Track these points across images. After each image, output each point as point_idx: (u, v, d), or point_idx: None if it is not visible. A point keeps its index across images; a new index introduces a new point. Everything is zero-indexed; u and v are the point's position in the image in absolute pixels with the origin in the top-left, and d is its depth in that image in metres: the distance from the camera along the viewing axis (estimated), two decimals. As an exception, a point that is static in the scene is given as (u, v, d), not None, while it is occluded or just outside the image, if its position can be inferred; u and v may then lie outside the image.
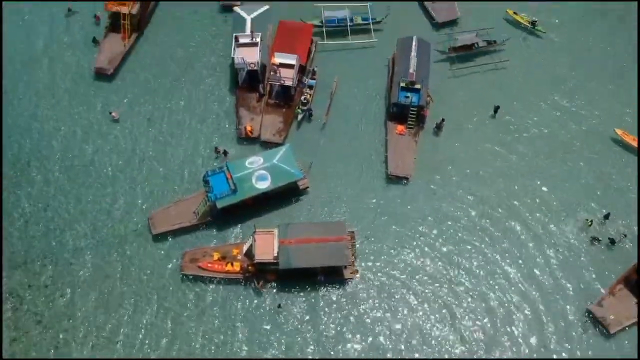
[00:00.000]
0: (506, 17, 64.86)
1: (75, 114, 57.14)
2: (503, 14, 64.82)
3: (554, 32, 64.16)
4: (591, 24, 65.15)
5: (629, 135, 55.73)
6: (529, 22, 63.91)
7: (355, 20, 63.11)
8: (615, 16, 65.80)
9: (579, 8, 66.23)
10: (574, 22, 65.24)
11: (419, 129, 56.08)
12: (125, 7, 59.85)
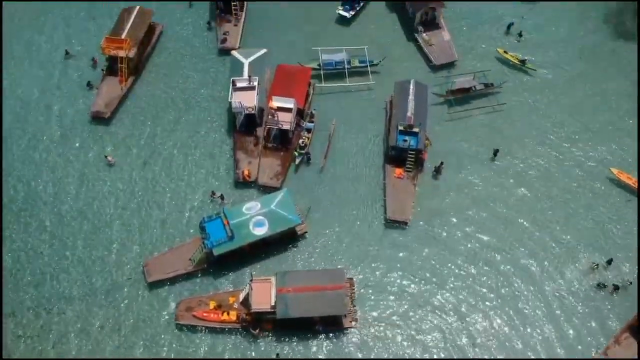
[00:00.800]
0: (497, 56, 65.09)
1: (72, 158, 56.68)
2: (496, 54, 65.06)
3: (551, 73, 64.32)
4: (587, 62, 65.39)
5: (624, 173, 55.56)
6: (519, 60, 64.21)
7: (352, 63, 63.18)
8: (612, 53, 66.12)
9: (574, 45, 66.61)
10: (571, 61, 65.45)
11: (418, 172, 55.65)
12: (123, 51, 59.82)
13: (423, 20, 66.08)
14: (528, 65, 64.09)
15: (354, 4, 67.43)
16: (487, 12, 69.23)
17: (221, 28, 66.21)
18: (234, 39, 65.11)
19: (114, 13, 65.86)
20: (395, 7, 69.27)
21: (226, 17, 66.92)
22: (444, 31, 65.91)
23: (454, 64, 64.17)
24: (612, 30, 68.08)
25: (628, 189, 55.00)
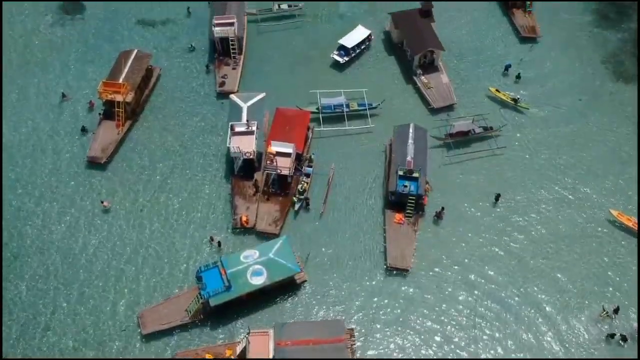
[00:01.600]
0: (493, 97, 64.91)
1: (67, 204, 55.83)
2: (495, 95, 64.97)
3: (550, 114, 64.07)
4: (587, 103, 65.10)
5: (624, 215, 54.94)
6: (511, 99, 64.09)
7: (351, 106, 62.86)
8: (611, 94, 66.00)
9: (574, 86, 66.44)
10: (571, 102, 65.20)
11: (418, 218, 54.83)
12: (120, 95, 59.46)
13: (421, 63, 66.01)
14: (521, 104, 63.98)
15: (350, 51, 67.27)
16: (485, 53, 69.39)
17: (220, 71, 66.07)
18: (232, 82, 64.91)
19: (111, 56, 65.83)
20: (393, 49, 69.31)
21: (225, 60, 66.89)
22: (442, 74, 65.82)
23: (453, 107, 63.86)
24: (611, 71, 68.13)
25: (629, 232, 54.24)
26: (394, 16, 68.31)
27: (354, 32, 68.12)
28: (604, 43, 70.72)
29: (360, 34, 67.98)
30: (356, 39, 67.38)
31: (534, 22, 71.39)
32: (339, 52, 67.50)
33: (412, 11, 68.39)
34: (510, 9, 72.72)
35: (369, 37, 68.63)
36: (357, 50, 67.84)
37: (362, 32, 68.14)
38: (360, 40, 67.59)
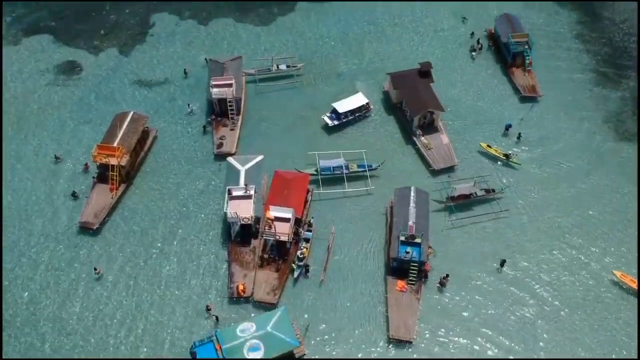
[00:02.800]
0: (488, 154, 64.06)
1: (58, 271, 54.05)
2: (486, 150, 64.13)
3: (552, 173, 63.01)
4: (589, 163, 64.14)
5: (627, 276, 53.51)
6: (503, 155, 63.23)
7: (351, 167, 61.74)
8: (613, 152, 65.10)
9: (575, 145, 65.57)
10: (573, 160, 64.19)
11: (421, 285, 53.00)
12: (114, 159, 58.29)
13: (421, 124, 65.25)
14: (513, 159, 63.13)
15: (341, 116, 66.37)
16: (485, 113, 68.72)
17: (217, 132, 65.16)
18: (230, 144, 63.91)
19: (108, 116, 65.06)
20: (392, 110, 68.65)
21: (223, 121, 66.06)
22: (442, 134, 64.98)
23: (454, 168, 62.76)
24: (613, 130, 67.33)
25: (633, 292, 52.72)
26: (393, 77, 67.88)
27: (352, 98, 67.07)
28: (604, 102, 70.21)
29: (356, 101, 66.71)
30: (350, 105, 66.14)
31: (534, 81, 71.01)
32: (330, 115, 66.58)
33: (411, 71, 67.99)
34: (510, 68, 72.44)
35: (367, 106, 67.18)
36: (350, 116, 66.43)
37: (359, 100, 66.89)
38: (355, 107, 66.30)
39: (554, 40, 77.27)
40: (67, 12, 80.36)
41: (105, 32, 77.68)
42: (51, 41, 76.57)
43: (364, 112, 67.21)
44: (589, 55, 75.67)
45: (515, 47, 71.50)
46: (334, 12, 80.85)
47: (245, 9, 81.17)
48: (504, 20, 74.87)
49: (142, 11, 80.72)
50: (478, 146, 64.53)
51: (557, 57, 75.21)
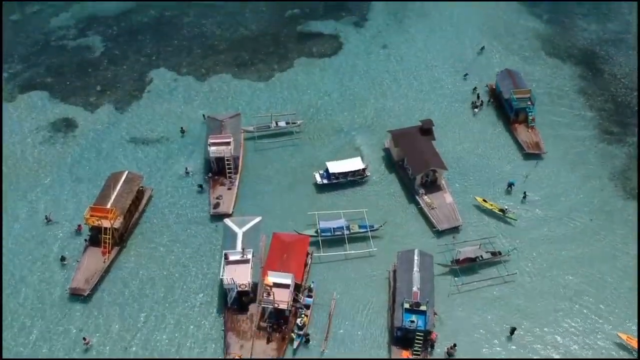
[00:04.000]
0: (484, 209, 62.47)
1: (46, 340, 51.44)
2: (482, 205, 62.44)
3: (558, 231, 61.14)
4: (595, 220, 62.33)
5: (633, 338, 51.61)
6: (499, 210, 61.76)
7: (352, 228, 59.81)
8: (619, 210, 63.39)
9: (582, 203, 63.79)
10: (578, 218, 62.47)
11: (427, 355, 50.40)
12: (107, 221, 56.38)
13: (423, 182, 63.64)
14: (509, 215, 61.65)
15: (332, 177, 64.68)
16: (489, 171, 67.23)
17: (214, 191, 63.44)
18: (227, 204, 62.11)
19: (103, 175, 63.80)
20: (393, 167, 67.12)
21: (220, 179, 64.45)
22: (445, 193, 63.29)
23: (459, 229, 60.81)
24: (620, 188, 65.69)
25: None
26: (394, 134, 66.61)
27: (349, 160, 65.33)
28: (610, 158, 68.77)
29: (352, 164, 64.90)
30: (344, 168, 64.50)
31: (537, 138, 69.75)
32: (322, 173, 65.07)
33: (412, 129, 66.84)
34: (513, 124, 71.27)
35: (362, 172, 65.01)
36: (342, 178, 64.66)
37: (355, 164, 64.98)
38: (349, 170, 64.54)
39: (556, 95, 76.42)
40: (64, 68, 79.72)
41: (101, 88, 76.85)
42: (47, 97, 75.67)
43: (358, 177, 65.07)
44: (593, 111, 74.65)
45: (518, 104, 70.51)
46: (334, 68, 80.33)
47: (245, 65, 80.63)
48: (506, 75, 74.14)
49: (140, 67, 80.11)
50: (480, 204, 62.71)
51: (560, 113, 74.18)
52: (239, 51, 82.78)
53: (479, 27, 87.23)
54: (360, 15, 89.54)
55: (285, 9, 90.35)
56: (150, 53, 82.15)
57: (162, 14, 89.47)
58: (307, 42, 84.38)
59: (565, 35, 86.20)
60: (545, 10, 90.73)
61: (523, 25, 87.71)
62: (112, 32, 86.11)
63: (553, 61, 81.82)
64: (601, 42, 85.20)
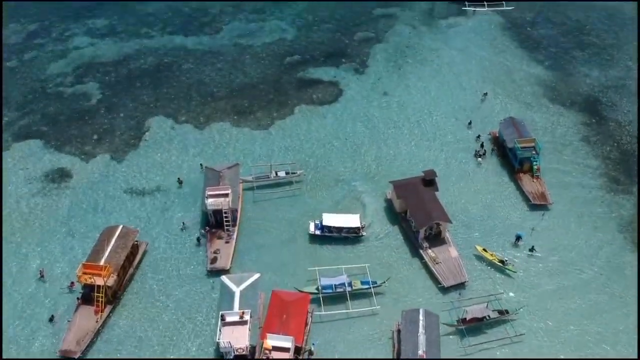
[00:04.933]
0: (476, 254, 60.95)
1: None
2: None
3: (569, 291, 58.89)
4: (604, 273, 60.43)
5: None
6: (499, 261, 60.15)
7: (354, 285, 57.75)
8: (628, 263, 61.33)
9: (589, 254, 61.94)
10: (587, 270, 60.64)
11: (434, 423, 47.91)
12: (101, 279, 54.33)
13: (427, 236, 61.80)
14: (509, 267, 60.00)
15: (325, 229, 62.99)
16: (494, 223, 65.46)
17: (212, 245, 61.52)
18: (225, 258, 60.11)
19: (97, 228, 62.34)
20: (396, 219, 65.35)
21: (218, 232, 62.59)
22: (450, 247, 61.40)
23: (464, 285, 58.71)
24: (629, 241, 63.84)
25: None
26: (396, 185, 65.03)
27: (346, 216, 63.32)
28: (618, 209, 67.10)
29: (348, 220, 62.84)
30: (339, 223, 62.57)
31: (543, 188, 68.13)
32: (317, 223, 63.40)
33: (415, 179, 65.27)
34: (517, 173, 69.76)
35: (357, 230, 62.70)
36: (335, 232, 62.67)
37: (352, 221, 62.86)
38: (344, 225, 62.53)
39: (560, 143, 75.13)
40: (61, 116, 78.59)
41: (98, 136, 75.53)
42: (42, 146, 74.33)
43: (352, 235, 62.91)
44: (598, 160, 73.27)
45: (522, 153, 69.13)
46: (334, 115, 79.28)
47: (244, 112, 79.53)
48: (509, 124, 72.99)
49: (138, 114, 78.97)
50: (481, 254, 60.74)
51: (565, 162, 72.76)
52: (239, 98, 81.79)
53: (479, 73, 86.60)
54: (360, 62, 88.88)
55: (285, 55, 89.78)
56: (148, 100, 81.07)
57: (161, 60, 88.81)
58: (307, 89, 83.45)
59: (567, 82, 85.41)
60: (546, 56, 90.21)
61: (524, 72, 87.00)
62: (110, 78, 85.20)
63: (556, 108, 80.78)
64: (603, 88, 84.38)
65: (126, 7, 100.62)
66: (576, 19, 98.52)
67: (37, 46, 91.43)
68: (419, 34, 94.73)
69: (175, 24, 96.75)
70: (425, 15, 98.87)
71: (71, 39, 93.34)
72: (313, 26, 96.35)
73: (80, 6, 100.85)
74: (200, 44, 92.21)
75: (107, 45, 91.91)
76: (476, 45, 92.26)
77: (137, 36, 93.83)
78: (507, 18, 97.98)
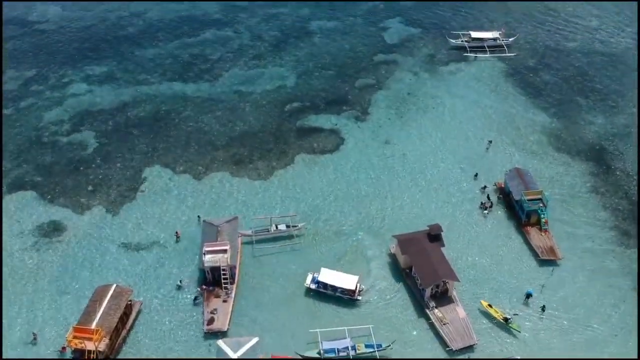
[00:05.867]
0: (480, 308, 58.82)
1: None
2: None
3: (583, 343, 56.53)
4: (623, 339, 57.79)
5: None
6: (503, 318, 57.88)
7: (358, 348, 55.24)
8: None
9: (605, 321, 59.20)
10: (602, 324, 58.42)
11: None
12: (92, 343, 51.79)
13: (434, 294, 59.34)
14: (512, 324, 57.69)
15: (320, 285, 60.62)
16: (502, 279, 63.14)
17: (209, 304, 59.08)
18: (222, 319, 57.58)
19: (90, 285, 60.17)
20: (400, 276, 62.97)
21: (215, 291, 60.16)
22: (458, 307, 58.95)
23: (473, 348, 56.04)
24: (642, 296, 61.62)
25: None
26: (400, 240, 62.84)
27: (343, 275, 60.56)
28: (630, 264, 64.82)
29: (345, 280, 60.08)
30: (335, 281, 59.98)
31: (551, 242, 65.92)
32: (314, 277, 61.28)
33: (420, 234, 63.16)
34: (525, 226, 67.67)
35: (352, 292, 59.95)
36: (330, 290, 60.29)
37: (348, 281, 60.04)
38: (338, 285, 59.86)
39: (568, 194, 73.15)
40: (55, 167, 76.68)
41: (93, 188, 73.53)
42: (35, 198, 72.23)
43: (347, 297, 60.22)
44: (607, 211, 71.20)
45: (529, 206, 67.12)
46: (336, 165, 77.40)
47: (243, 162, 77.71)
48: (514, 175, 71.18)
49: (134, 164, 77.08)
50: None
51: (574, 213, 70.69)
52: (238, 147, 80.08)
53: (483, 120, 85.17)
54: (361, 109, 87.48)
55: (285, 102, 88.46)
56: (146, 150, 79.29)
57: (159, 107, 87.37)
58: (307, 138, 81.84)
59: (572, 130, 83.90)
60: (550, 103, 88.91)
61: (529, 119, 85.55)
62: (107, 127, 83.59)
63: (562, 157, 79.04)
64: (609, 136, 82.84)
65: (125, 52, 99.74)
66: (578, 64, 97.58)
67: (34, 93, 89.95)
68: (420, 81, 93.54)
69: (175, 70, 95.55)
70: (427, 61, 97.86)
71: (69, 85, 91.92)
72: (314, 72, 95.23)
73: (80, 52, 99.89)
74: (200, 91, 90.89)
75: (105, 92, 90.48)
76: (479, 92, 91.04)
77: (135, 83, 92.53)
78: (509, 64, 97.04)
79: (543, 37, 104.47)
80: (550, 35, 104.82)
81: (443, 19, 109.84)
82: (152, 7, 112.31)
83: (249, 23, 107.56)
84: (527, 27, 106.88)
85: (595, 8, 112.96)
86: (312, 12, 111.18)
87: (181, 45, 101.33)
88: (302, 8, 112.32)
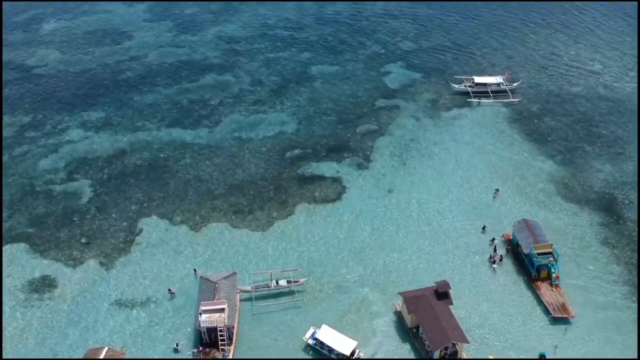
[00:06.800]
0: None
1: None
2: None
3: None
4: None
5: None
6: None
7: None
8: None
9: None
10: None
11: None
12: (81, 414, 48.64)
13: (443, 356, 56.41)
14: None
15: (317, 343, 58.24)
16: (514, 339, 60.35)
17: (205, 368, 56.18)
18: (219, 384, 54.62)
19: (80, 349, 57.30)
20: (406, 335, 60.15)
21: (212, 353, 57.24)
22: (468, 369, 56.09)
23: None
24: (660, 356, 58.62)
25: None
26: (407, 298, 60.16)
27: (342, 337, 57.92)
28: (644, 324, 62.14)
29: (342, 343, 57.41)
30: (330, 341, 57.51)
31: (563, 298, 63.23)
32: (314, 332, 58.81)
33: (427, 291, 60.56)
34: (535, 282, 65.07)
35: (347, 359, 57.30)
36: (325, 350, 57.74)
37: (345, 344, 57.25)
38: (334, 347, 57.19)
39: (578, 246, 70.70)
40: (49, 217, 74.40)
41: (87, 240, 71.08)
42: (26, 251, 69.75)
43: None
44: (620, 264, 68.66)
45: (539, 260, 64.62)
46: (338, 215, 75.15)
47: (242, 212, 75.45)
48: (523, 227, 68.82)
49: (130, 215, 74.78)
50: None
51: (585, 267, 68.12)
52: (237, 196, 77.91)
53: (488, 168, 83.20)
54: (363, 156, 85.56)
55: (285, 149, 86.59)
56: (142, 199, 77.07)
57: (157, 155, 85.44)
58: (308, 186, 79.72)
59: (580, 178, 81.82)
60: (556, 150, 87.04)
61: (535, 167, 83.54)
62: (103, 175, 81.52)
63: (570, 207, 76.78)
64: (618, 184, 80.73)
65: (124, 97, 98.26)
66: (583, 110, 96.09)
67: (29, 140, 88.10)
68: (423, 127, 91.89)
69: (174, 116, 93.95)
70: (429, 107, 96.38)
71: (65, 132, 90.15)
72: (314, 118, 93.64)
73: (77, 97, 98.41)
74: (199, 137, 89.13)
75: (101, 139, 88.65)
76: (483, 138, 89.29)
77: (133, 129, 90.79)
78: (513, 110, 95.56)
79: (546, 81, 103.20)
80: (554, 80, 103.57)
81: (444, 63, 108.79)
82: (152, 51, 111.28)
83: (249, 68, 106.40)
84: (530, 72, 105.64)
85: (597, 52, 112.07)
86: (312, 57, 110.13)
87: (180, 90, 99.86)
88: (302, 52, 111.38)
